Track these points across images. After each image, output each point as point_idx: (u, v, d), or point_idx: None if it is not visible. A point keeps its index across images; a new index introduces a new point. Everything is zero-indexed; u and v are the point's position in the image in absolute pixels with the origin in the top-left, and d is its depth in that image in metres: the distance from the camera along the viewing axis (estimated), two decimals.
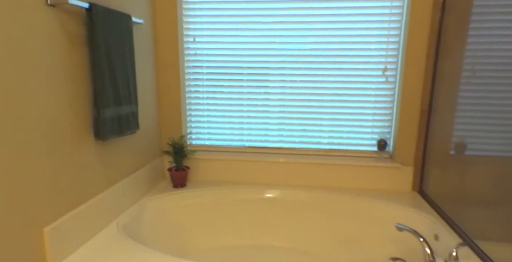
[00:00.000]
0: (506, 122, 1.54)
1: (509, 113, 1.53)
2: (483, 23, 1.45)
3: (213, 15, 1.68)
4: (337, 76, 1.65)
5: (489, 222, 1.64)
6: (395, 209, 1.49)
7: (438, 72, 1.51)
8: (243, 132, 1.79)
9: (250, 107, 1.76)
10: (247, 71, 1.72)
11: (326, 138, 1.74)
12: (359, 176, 1.68)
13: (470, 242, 1.23)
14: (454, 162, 1.62)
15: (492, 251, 1.28)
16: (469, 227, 1.63)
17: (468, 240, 1.24)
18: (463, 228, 1.31)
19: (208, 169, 1.77)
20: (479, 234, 1.66)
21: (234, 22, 1.67)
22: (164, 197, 1.56)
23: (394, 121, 1.65)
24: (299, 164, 1.71)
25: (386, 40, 1.57)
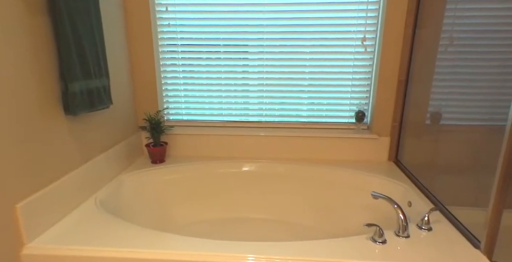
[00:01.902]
0: (480, 91, 1.56)
1: (482, 82, 1.55)
2: None
3: None
4: (316, 47, 1.62)
5: (460, 188, 1.71)
6: (370, 178, 1.53)
7: (417, 41, 1.50)
8: (222, 106, 1.77)
9: (228, 80, 1.72)
10: (225, 43, 1.66)
11: (305, 111, 1.74)
12: (337, 147, 1.70)
13: (442, 207, 1.29)
14: (429, 131, 1.66)
15: (462, 215, 1.34)
16: (441, 193, 1.70)
17: (440, 206, 1.29)
18: (435, 195, 1.36)
19: (187, 144, 1.75)
20: (451, 200, 1.74)
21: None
22: (142, 172, 1.54)
23: (372, 93, 1.65)
24: (278, 137, 1.71)
25: (365, 8, 1.53)
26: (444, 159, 1.69)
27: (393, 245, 0.95)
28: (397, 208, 1.03)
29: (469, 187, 1.71)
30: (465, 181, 1.69)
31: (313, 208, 1.63)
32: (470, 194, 1.71)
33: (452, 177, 1.69)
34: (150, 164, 1.63)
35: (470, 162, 1.67)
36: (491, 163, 1.66)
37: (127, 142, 1.58)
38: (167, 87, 1.75)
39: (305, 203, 1.64)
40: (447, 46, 1.52)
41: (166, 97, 1.77)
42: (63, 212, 1.12)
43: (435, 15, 1.48)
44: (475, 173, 1.69)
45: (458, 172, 1.69)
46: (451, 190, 1.72)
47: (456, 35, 1.50)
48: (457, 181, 1.70)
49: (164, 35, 1.67)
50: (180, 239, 0.99)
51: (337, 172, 1.60)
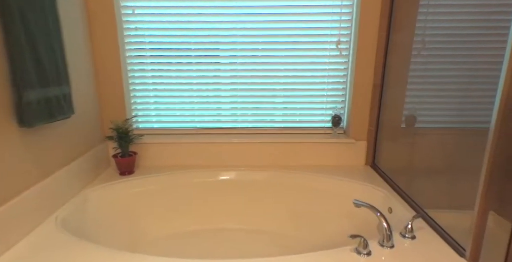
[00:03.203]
0: (453, 94, 1.59)
1: (454, 85, 1.58)
2: None
3: None
4: (290, 51, 1.58)
5: (437, 191, 1.72)
6: (349, 184, 1.51)
7: (391, 44, 1.50)
8: (194, 113, 1.69)
9: (200, 86, 1.65)
10: (196, 47, 1.59)
11: (280, 116, 1.70)
12: (314, 153, 1.66)
13: (420, 211, 1.28)
14: (405, 134, 1.67)
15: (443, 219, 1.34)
16: (419, 197, 1.70)
17: (419, 209, 1.28)
18: (413, 198, 1.36)
19: (158, 154, 1.65)
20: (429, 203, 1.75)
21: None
22: (109, 186, 1.43)
23: (347, 96, 1.64)
24: (253, 144, 1.65)
25: (339, 11, 1.52)
26: (420, 162, 1.70)
27: (378, 257, 0.91)
28: (380, 216, 1.00)
29: (446, 189, 1.73)
30: (441, 183, 1.71)
31: (292, 216, 1.58)
32: (448, 196, 1.73)
33: (429, 180, 1.71)
34: (118, 176, 1.52)
35: (446, 164, 1.69)
36: (466, 165, 1.68)
37: (92, 154, 1.46)
38: (135, 94, 1.65)
39: (284, 212, 1.59)
40: (420, 49, 1.53)
41: (135, 105, 1.67)
42: (18, 236, 1.00)
43: (408, 19, 1.49)
44: (451, 175, 1.71)
45: (434, 174, 1.70)
46: (429, 193, 1.73)
47: (428, 39, 1.51)
48: (433, 184, 1.72)
49: (131, 39, 1.57)
50: (152, 260, 0.90)
51: (315, 178, 1.57)
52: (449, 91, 1.57)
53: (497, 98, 0.92)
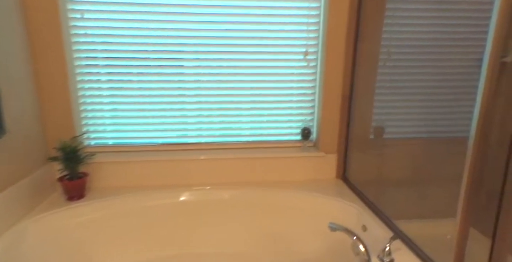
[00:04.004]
0: (418, 104, 1.60)
1: (420, 96, 1.59)
2: (397, 3, 1.44)
3: None
4: (257, 61, 1.51)
5: (406, 201, 1.72)
6: (321, 200, 1.44)
7: (358, 55, 1.47)
8: (155, 127, 1.55)
9: (163, 98, 1.51)
10: (156, 56, 1.46)
11: (248, 130, 1.60)
12: (284, 167, 1.59)
13: (391, 224, 1.23)
14: (373, 146, 1.64)
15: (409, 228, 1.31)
16: (389, 208, 1.66)
17: (390, 224, 1.24)
18: (384, 211, 1.31)
19: (114, 174, 1.48)
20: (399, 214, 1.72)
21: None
22: (54, 214, 1.24)
23: (316, 108, 1.58)
24: (220, 160, 1.54)
25: (306, 21, 1.47)
26: (389, 173, 1.69)
27: None
28: (357, 240, 0.93)
29: (415, 200, 1.73)
30: (411, 193, 1.71)
31: (263, 237, 1.48)
32: (418, 206, 1.72)
33: (399, 191, 1.69)
34: (65, 202, 1.33)
35: (414, 174, 1.69)
36: (435, 175, 1.69)
37: (32, 178, 1.27)
38: (86, 107, 1.48)
39: (254, 232, 1.48)
40: (385, 60, 1.52)
41: (86, 120, 1.49)
42: None
43: (374, 30, 1.47)
44: (420, 185, 1.71)
45: (403, 185, 1.70)
46: (399, 204, 1.71)
47: (393, 49, 1.51)
48: (403, 194, 1.71)
49: (80, 46, 1.41)
50: None
51: (285, 195, 1.49)
52: (415, 101, 1.57)
53: (476, 108, 0.89)
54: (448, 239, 1.56)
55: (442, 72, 1.54)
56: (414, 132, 1.62)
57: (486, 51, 0.90)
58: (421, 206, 1.70)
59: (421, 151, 1.64)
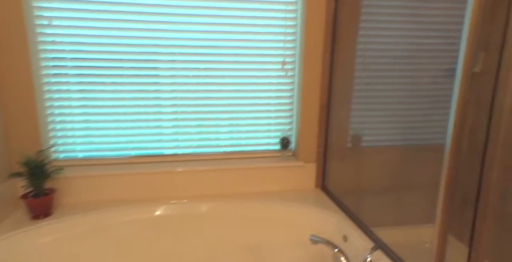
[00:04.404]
0: (393, 113, 1.63)
1: (395, 104, 1.63)
2: (371, 15, 1.47)
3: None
4: (235, 71, 1.49)
5: (384, 209, 1.74)
6: (301, 211, 1.43)
7: (335, 65, 1.49)
8: (129, 139, 1.48)
9: (137, 108, 1.45)
10: (130, 65, 1.41)
11: (226, 140, 1.57)
12: (263, 178, 1.56)
13: (366, 230, 1.23)
14: (351, 154, 1.66)
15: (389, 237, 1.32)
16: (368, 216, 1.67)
17: (368, 231, 1.24)
18: (363, 219, 1.32)
19: (85, 189, 1.40)
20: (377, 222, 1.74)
21: (105, 2, 1.33)
22: (15, 235, 1.14)
23: (295, 118, 1.58)
24: (198, 172, 1.49)
25: (283, 31, 1.47)
26: (367, 181, 1.71)
27: None
28: (338, 252, 0.91)
29: (394, 207, 1.75)
30: (389, 201, 1.73)
31: (243, 249, 1.44)
32: (397, 213, 1.75)
33: (377, 198, 1.71)
34: (29, 221, 1.23)
35: (392, 181, 1.72)
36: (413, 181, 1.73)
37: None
38: (54, 118, 1.40)
39: (234, 245, 1.44)
40: (361, 71, 1.54)
41: (54, 132, 1.41)
42: None
43: (349, 42, 1.50)
44: (398, 193, 1.74)
45: (382, 192, 1.72)
46: (378, 211, 1.73)
47: (368, 60, 1.54)
48: (382, 202, 1.73)
49: (48, 54, 1.34)
50: None
51: (265, 206, 1.46)
52: (391, 110, 1.61)
53: (451, 116, 0.91)
54: (427, 247, 1.59)
55: (415, 81, 1.59)
56: (391, 140, 1.65)
57: (459, 62, 0.93)
58: (399, 213, 1.73)
59: (397, 158, 1.68)
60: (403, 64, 1.56)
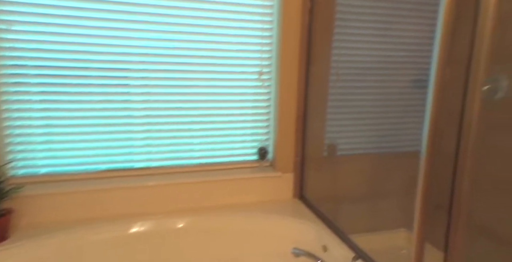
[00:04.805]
0: (366, 122, 1.68)
1: (368, 114, 1.68)
2: (344, 28, 1.52)
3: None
4: (210, 81, 1.46)
5: (361, 216, 1.77)
6: (281, 222, 1.41)
7: (311, 76, 1.51)
8: (97, 152, 1.39)
9: (106, 120, 1.37)
10: (99, 74, 1.33)
11: (202, 151, 1.53)
12: (240, 189, 1.53)
13: (345, 238, 1.24)
14: (328, 163, 1.68)
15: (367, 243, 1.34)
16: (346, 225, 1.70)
17: (347, 240, 1.25)
18: (342, 228, 1.33)
19: (47, 208, 1.29)
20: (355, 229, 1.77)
21: (71, 7, 1.26)
22: None
23: (272, 128, 1.58)
24: (172, 185, 1.43)
25: (260, 42, 1.47)
26: (344, 189, 1.73)
27: None
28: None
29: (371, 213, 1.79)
30: (366, 208, 1.77)
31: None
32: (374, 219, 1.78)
33: (355, 206, 1.74)
34: None
35: (367, 189, 1.75)
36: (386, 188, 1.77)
37: None
38: (13, 131, 1.28)
39: (214, 260, 1.39)
40: (335, 81, 1.58)
41: (11, 146, 1.29)
42: None
43: (323, 53, 1.53)
44: (374, 199, 1.78)
45: (358, 200, 1.75)
46: (355, 219, 1.76)
47: (341, 71, 1.58)
48: (359, 209, 1.76)
49: (7, 61, 1.23)
50: None
51: (243, 218, 1.43)
52: (364, 119, 1.65)
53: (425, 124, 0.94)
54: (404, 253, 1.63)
55: (386, 92, 1.65)
56: (364, 148, 1.70)
57: (431, 73, 0.97)
58: (374, 219, 1.77)
59: (372, 166, 1.72)
60: (374, 75, 1.61)
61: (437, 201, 1.33)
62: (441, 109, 0.99)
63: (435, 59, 0.96)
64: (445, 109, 1.13)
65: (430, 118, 0.98)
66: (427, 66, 1.65)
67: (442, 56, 0.95)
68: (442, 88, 0.98)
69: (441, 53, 0.95)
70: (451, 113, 1.15)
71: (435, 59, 0.96)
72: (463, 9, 0.91)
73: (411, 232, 1.81)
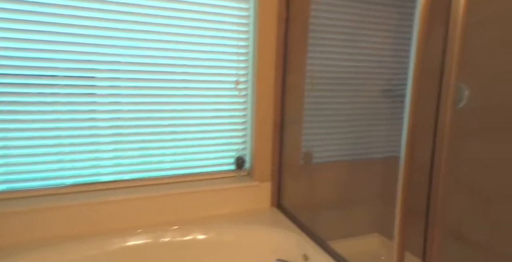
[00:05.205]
0: (341, 130, 1.72)
1: (342, 122, 1.72)
2: (317, 39, 1.55)
3: None
4: (185, 90, 1.42)
5: (337, 222, 1.79)
6: (260, 232, 1.39)
7: (287, 85, 1.52)
8: (61, 166, 1.29)
9: (70, 131, 1.28)
10: (62, 82, 1.24)
11: (177, 162, 1.47)
12: (217, 200, 1.49)
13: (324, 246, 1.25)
14: (304, 171, 1.69)
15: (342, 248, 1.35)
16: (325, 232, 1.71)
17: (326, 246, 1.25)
18: (321, 235, 1.33)
19: (5, 229, 1.16)
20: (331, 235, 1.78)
21: (30, 11, 1.17)
22: None
23: (249, 137, 1.56)
24: (145, 200, 1.36)
25: (236, 51, 1.45)
26: (321, 196, 1.75)
27: None
28: None
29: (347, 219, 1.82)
30: (343, 214, 1.79)
31: None
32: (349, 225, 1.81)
33: (332, 213, 1.76)
34: None
35: (343, 195, 1.78)
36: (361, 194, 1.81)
37: None
38: None
39: None
40: (310, 91, 1.60)
41: None
42: None
43: (299, 63, 1.55)
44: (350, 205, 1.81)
45: (335, 207, 1.77)
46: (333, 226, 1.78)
47: (316, 81, 1.61)
48: (336, 216, 1.78)
49: None
50: None
51: (222, 230, 1.39)
52: (339, 127, 1.69)
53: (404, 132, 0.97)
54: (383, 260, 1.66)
55: (357, 101, 1.70)
56: (339, 155, 1.73)
57: (408, 84, 1.01)
58: (351, 225, 1.80)
59: (346, 172, 1.75)
60: (347, 85, 1.66)
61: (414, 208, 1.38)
62: (418, 117, 1.03)
63: (411, 70, 1.00)
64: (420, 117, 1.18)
65: (408, 126, 1.01)
66: (394, 77, 1.72)
67: (417, 67, 0.99)
68: (419, 97, 1.01)
69: (416, 64, 0.99)
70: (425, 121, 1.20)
71: (411, 70, 1.00)
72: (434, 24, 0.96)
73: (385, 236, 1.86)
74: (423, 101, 1.12)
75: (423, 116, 1.18)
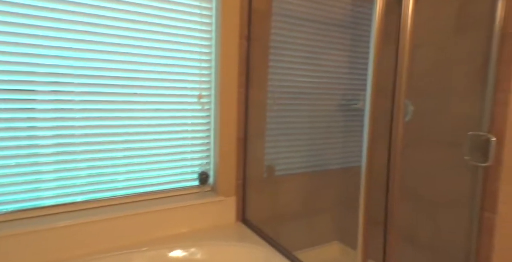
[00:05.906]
0: (300, 143, 1.78)
1: (302, 135, 1.78)
2: (278, 56, 1.61)
3: None
4: (144, 104, 1.37)
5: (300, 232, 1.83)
6: (227, 249, 1.37)
7: (250, 100, 1.55)
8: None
9: (5, 151, 1.14)
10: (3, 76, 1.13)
11: (135, 180, 1.39)
12: (181, 218, 1.44)
13: (291, 257, 1.27)
14: (268, 184, 1.71)
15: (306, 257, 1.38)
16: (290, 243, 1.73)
17: (290, 256, 1.28)
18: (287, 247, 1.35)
19: None
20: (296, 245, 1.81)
21: None
22: None
23: (213, 152, 1.54)
24: (94, 224, 1.24)
25: (198, 65, 1.45)
26: (284, 208, 1.78)
27: None
28: None
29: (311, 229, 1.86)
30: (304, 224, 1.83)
31: None
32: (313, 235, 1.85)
33: (296, 224, 1.79)
34: None
35: (306, 206, 1.83)
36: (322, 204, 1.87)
37: None
38: None
39: None
40: (272, 105, 1.64)
41: None
42: None
43: (261, 79, 1.59)
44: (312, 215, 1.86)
45: (298, 218, 1.81)
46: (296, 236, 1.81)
47: (277, 96, 1.66)
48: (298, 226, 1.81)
49: None
50: None
51: (187, 249, 1.34)
52: (299, 140, 1.75)
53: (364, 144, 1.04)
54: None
55: (316, 114, 1.78)
56: (299, 167, 1.78)
57: (366, 101, 1.08)
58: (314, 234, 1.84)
59: (306, 184, 1.81)
60: (306, 100, 1.73)
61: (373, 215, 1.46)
62: (375, 130, 1.11)
63: (369, 87, 1.08)
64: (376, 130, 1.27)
65: (368, 139, 1.08)
66: (348, 92, 1.84)
67: (374, 85, 1.07)
68: (375, 111, 1.09)
69: (373, 83, 1.07)
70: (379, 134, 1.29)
71: (369, 87, 1.08)
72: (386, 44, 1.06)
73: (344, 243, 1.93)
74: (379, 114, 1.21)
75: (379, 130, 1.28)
